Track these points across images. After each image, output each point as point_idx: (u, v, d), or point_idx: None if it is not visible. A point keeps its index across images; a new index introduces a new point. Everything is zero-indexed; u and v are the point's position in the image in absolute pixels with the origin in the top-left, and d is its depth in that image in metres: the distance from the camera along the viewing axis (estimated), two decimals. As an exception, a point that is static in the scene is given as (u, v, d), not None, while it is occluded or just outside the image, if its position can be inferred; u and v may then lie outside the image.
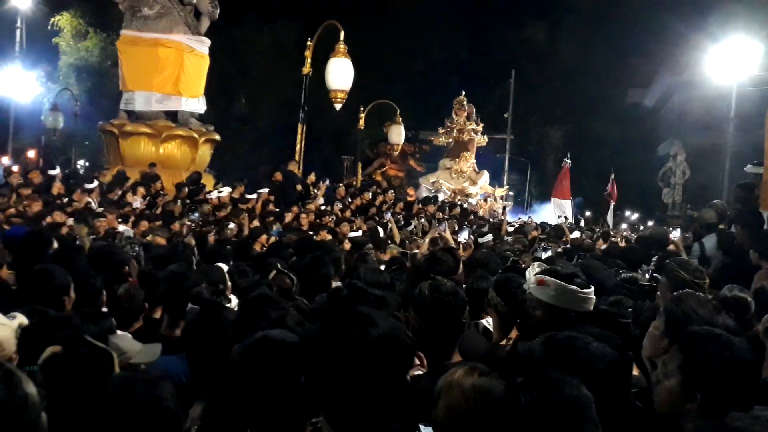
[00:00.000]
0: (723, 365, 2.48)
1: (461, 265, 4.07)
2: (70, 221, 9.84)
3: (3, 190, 12.80)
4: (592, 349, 2.30)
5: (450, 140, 31.30)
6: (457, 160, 30.06)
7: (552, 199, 26.04)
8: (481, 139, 31.47)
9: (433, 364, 3.13)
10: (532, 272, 3.80)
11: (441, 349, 3.26)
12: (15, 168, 15.32)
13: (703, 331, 2.68)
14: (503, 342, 3.93)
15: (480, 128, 31.27)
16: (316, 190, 17.42)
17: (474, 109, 31.61)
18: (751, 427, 2.02)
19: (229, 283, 5.02)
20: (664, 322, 3.22)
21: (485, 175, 30.68)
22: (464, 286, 4.30)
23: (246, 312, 3.38)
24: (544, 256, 8.82)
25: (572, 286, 3.42)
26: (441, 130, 31.68)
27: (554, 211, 24.52)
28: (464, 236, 11.58)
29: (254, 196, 15.68)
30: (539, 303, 3.49)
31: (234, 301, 4.22)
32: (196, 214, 10.22)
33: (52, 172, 15.04)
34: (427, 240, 7.39)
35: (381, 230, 12.58)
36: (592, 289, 3.51)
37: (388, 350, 1.81)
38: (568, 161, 26.47)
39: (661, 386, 2.63)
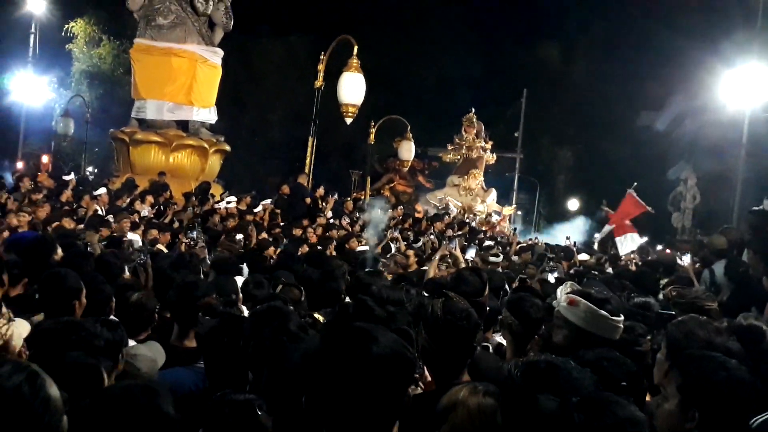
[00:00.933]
0: (719, 384, 2.56)
1: (487, 287, 4.01)
2: (78, 228, 9.84)
3: (15, 195, 12.83)
4: (573, 377, 2.22)
5: (459, 157, 31.23)
6: (466, 177, 29.98)
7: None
8: (490, 157, 31.39)
9: (441, 383, 3.10)
10: (563, 291, 3.75)
11: (450, 369, 3.21)
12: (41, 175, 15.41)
13: (700, 353, 2.80)
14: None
15: (489, 145, 31.20)
16: (324, 204, 17.39)
17: (483, 127, 31.55)
18: None
19: (241, 295, 5.00)
20: (665, 346, 3.28)
21: (493, 193, 30.59)
22: (488, 308, 4.24)
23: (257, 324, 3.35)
24: (551, 277, 8.75)
25: (603, 312, 3.36)
26: (450, 147, 31.63)
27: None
28: (471, 254, 11.47)
29: (259, 208, 15.69)
30: (566, 323, 3.44)
31: (245, 313, 4.20)
32: (194, 233, 10.13)
33: (66, 178, 15.10)
34: (437, 258, 7.30)
35: (393, 246, 12.53)
36: (621, 318, 3.44)
37: (389, 366, 1.80)
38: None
39: (661, 408, 2.69)
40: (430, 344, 3.22)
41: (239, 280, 5.65)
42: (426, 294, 5.40)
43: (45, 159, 27.53)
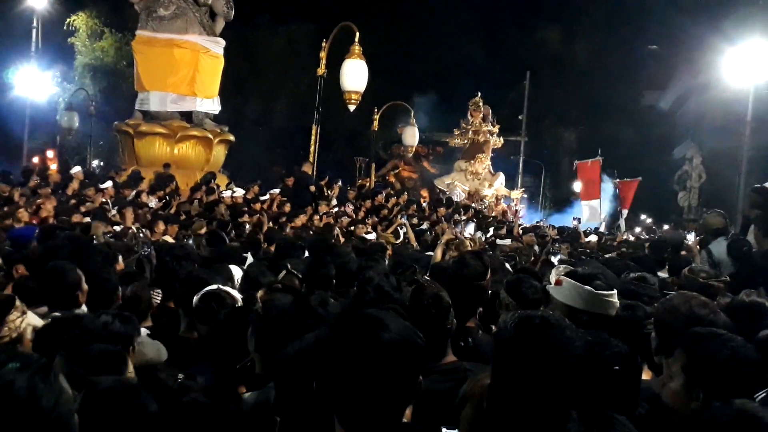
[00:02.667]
0: (724, 363, 2.54)
1: (489, 271, 4.02)
2: (86, 220, 9.91)
3: (24, 190, 12.91)
4: (565, 336, 2.19)
5: (465, 142, 31.06)
6: (472, 161, 29.85)
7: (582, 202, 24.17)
8: (497, 141, 31.22)
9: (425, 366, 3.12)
10: (554, 273, 3.78)
11: (432, 352, 3.21)
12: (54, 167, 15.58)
13: (705, 331, 2.74)
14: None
15: (496, 129, 31.03)
16: (329, 192, 17.41)
17: (490, 111, 31.38)
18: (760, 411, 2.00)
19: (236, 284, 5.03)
20: (653, 324, 3.31)
21: (501, 177, 30.42)
22: (489, 291, 4.27)
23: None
24: (554, 259, 8.75)
25: (587, 287, 3.38)
26: (456, 132, 31.47)
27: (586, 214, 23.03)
28: (469, 231, 11.37)
29: (266, 197, 15.73)
30: (555, 303, 3.49)
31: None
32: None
33: (73, 171, 15.18)
34: (443, 242, 7.33)
35: (401, 232, 12.55)
36: (614, 292, 3.46)
37: (400, 353, 1.79)
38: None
39: (666, 388, 2.70)
40: None
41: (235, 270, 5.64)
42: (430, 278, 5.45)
43: (50, 154, 27.59)
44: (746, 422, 1.59)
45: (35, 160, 25.62)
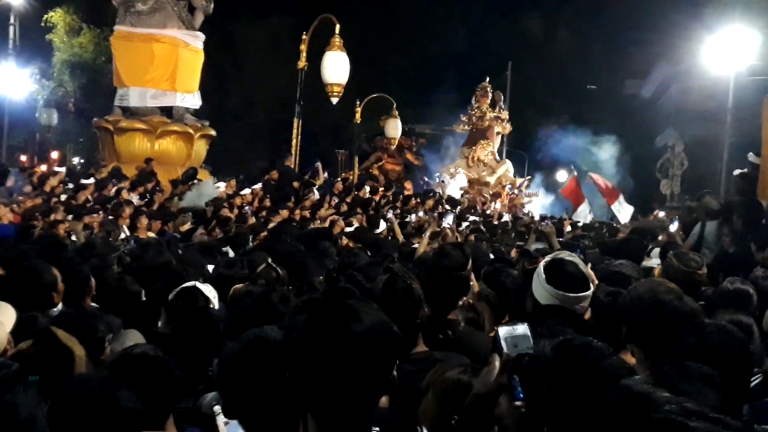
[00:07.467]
0: None
1: (470, 261, 3.97)
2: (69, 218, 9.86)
3: (2, 190, 12.82)
4: (606, 359, 2.06)
5: (470, 127, 30.39)
6: (474, 147, 29.37)
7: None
8: (506, 127, 30.72)
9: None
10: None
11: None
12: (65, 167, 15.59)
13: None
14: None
15: (505, 116, 30.47)
16: (315, 179, 17.39)
17: (502, 97, 30.95)
18: None
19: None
20: (620, 313, 3.28)
21: (507, 164, 29.86)
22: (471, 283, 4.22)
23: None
24: (533, 247, 8.74)
25: (542, 275, 3.25)
26: (463, 118, 30.78)
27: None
28: (448, 221, 11.34)
29: (248, 191, 15.67)
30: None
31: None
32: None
33: (57, 169, 15.13)
34: (427, 234, 7.35)
35: (383, 225, 12.52)
36: (559, 292, 3.22)
37: (371, 346, 1.74)
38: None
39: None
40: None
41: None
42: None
43: (54, 155, 27.61)
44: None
45: (23, 158, 25.51)
